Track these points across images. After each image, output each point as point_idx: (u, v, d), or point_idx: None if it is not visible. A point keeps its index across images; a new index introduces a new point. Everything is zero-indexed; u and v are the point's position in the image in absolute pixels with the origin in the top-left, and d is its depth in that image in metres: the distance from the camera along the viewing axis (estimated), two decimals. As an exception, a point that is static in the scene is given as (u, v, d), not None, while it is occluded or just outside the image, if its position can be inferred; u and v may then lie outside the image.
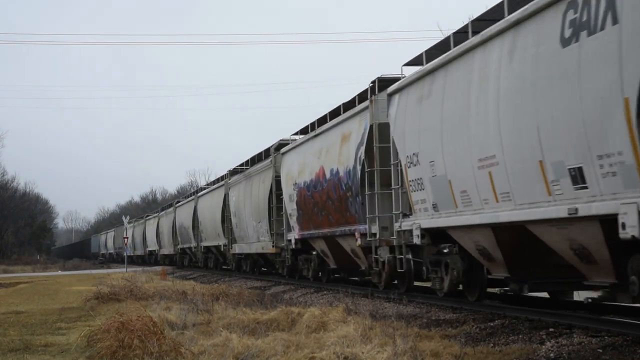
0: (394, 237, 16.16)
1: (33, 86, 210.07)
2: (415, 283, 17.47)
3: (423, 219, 14.41)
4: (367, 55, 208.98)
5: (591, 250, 9.87)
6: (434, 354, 9.02)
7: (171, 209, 52.87)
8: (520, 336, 10.39)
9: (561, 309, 12.74)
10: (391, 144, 16.02)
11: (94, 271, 49.69)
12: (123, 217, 58.67)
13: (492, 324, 11.61)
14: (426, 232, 14.42)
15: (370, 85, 17.94)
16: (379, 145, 17.00)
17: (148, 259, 64.41)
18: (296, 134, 25.07)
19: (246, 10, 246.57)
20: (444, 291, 14.66)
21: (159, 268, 44.71)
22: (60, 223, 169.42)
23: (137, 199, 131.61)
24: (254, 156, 31.06)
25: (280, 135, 27.97)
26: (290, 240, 24.51)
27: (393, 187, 16.08)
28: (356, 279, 22.90)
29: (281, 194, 25.41)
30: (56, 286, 30.37)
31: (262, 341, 9.72)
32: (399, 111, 15.35)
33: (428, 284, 16.50)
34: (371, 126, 17.25)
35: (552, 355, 8.97)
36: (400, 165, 15.53)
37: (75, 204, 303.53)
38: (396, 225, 15.87)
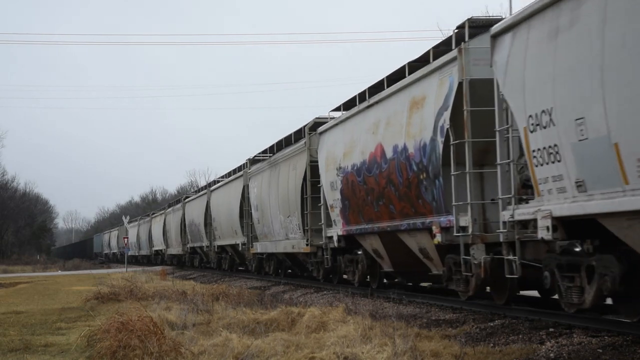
0: (504, 230, 11.66)
1: (33, 86, 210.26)
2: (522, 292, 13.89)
3: (557, 204, 10.03)
4: (366, 56, 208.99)
5: None
6: (434, 354, 9.02)
7: (179, 205, 48.21)
8: (520, 336, 10.39)
9: (561, 309, 12.72)
10: (496, 104, 11.85)
11: (94, 271, 49.67)
12: (123, 217, 58.71)
13: (492, 324, 11.62)
14: (559, 223, 10.09)
15: (456, 30, 13.85)
16: (471, 109, 12.94)
17: (154, 259, 61.21)
18: (337, 109, 20.84)
19: (246, 10, 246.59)
20: (585, 306, 10.36)
21: (159, 268, 44.70)
22: (60, 223, 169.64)
23: (137, 199, 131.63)
24: (281, 140, 26.37)
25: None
26: (331, 237, 20.29)
27: (499, 162, 11.85)
28: (425, 284, 19.71)
29: (318, 182, 21.31)
30: (56, 286, 30.37)
31: (262, 341, 9.72)
32: (513, 55, 11.04)
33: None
34: (460, 84, 13.09)
35: (552, 355, 8.97)
36: (513, 132, 11.43)
37: (75, 204, 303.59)
38: (505, 215, 11.55)
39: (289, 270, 28.58)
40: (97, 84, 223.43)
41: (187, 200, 46.32)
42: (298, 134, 24.25)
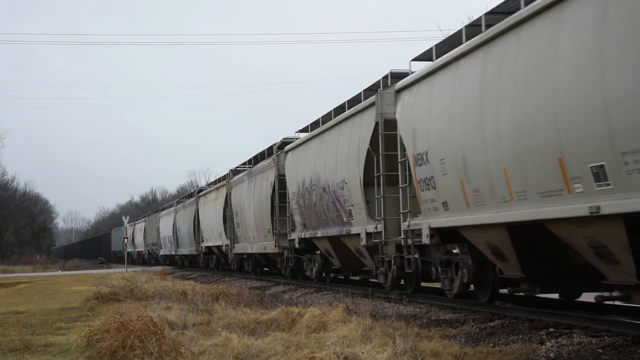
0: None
1: (33, 86, 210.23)
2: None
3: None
4: (366, 56, 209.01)
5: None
6: (434, 354, 9.02)
7: (192, 199, 45.08)
8: (520, 336, 10.39)
9: (561, 309, 12.74)
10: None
11: (94, 271, 49.68)
12: (123, 217, 58.51)
13: (492, 324, 11.62)
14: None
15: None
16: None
17: (163, 260, 56.61)
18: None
19: (245, 10, 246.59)
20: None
21: (159, 268, 44.70)
22: (60, 223, 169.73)
23: (137, 199, 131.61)
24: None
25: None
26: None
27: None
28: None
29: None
30: (56, 286, 30.38)
31: (262, 341, 9.72)
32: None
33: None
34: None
35: (552, 355, 8.97)
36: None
37: (75, 204, 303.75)
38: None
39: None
40: (97, 83, 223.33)
41: (201, 194, 42.66)
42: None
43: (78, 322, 14.96)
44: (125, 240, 55.27)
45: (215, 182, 40.40)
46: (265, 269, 32.27)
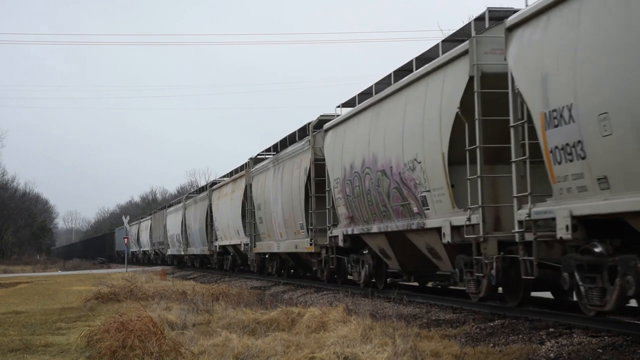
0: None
1: (33, 86, 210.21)
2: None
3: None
4: (363, 56, 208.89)
5: None
6: (434, 354, 9.01)
7: (204, 193, 40.16)
8: (520, 336, 10.39)
9: (561, 309, 12.73)
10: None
11: (94, 271, 49.67)
12: (123, 217, 58.38)
13: (492, 324, 11.61)
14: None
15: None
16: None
17: (171, 261, 52.93)
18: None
19: (245, 11, 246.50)
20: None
21: (159, 268, 44.67)
22: (60, 223, 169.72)
23: (137, 199, 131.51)
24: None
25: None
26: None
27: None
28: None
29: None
30: (56, 286, 30.36)
31: (262, 341, 9.72)
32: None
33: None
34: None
35: (552, 355, 8.97)
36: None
37: (75, 204, 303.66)
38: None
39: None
40: (96, 83, 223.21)
41: (214, 187, 38.17)
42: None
43: (78, 322, 14.95)
44: (125, 240, 55.04)
45: (230, 174, 35.22)
46: (292, 270, 27.98)
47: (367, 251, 18.84)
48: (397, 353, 8.48)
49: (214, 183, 38.88)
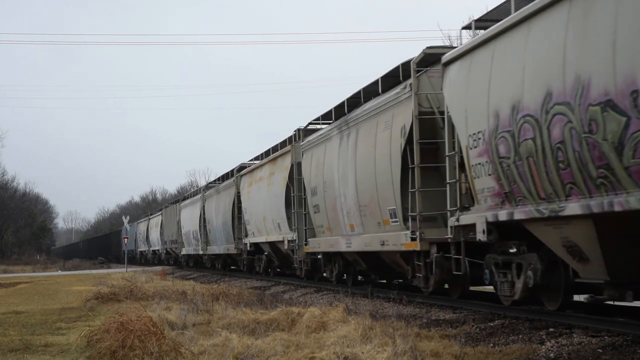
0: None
1: (33, 86, 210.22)
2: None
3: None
4: (358, 56, 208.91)
5: None
6: (434, 354, 9.01)
7: (230, 180, 33.31)
8: (520, 336, 10.39)
9: (561, 310, 12.72)
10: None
11: (93, 271, 49.66)
12: (123, 217, 58.33)
13: (492, 324, 11.61)
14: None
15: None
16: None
17: (185, 262, 47.15)
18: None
19: (245, 11, 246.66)
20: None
21: (159, 268, 44.64)
22: (60, 223, 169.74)
23: (137, 199, 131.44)
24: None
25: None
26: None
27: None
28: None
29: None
30: (56, 286, 30.36)
31: (262, 341, 9.72)
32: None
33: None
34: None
35: (552, 355, 8.97)
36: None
37: (75, 204, 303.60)
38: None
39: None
40: (97, 83, 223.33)
41: (243, 173, 31.25)
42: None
43: (78, 322, 14.95)
44: (126, 240, 55.02)
45: (261, 157, 29.05)
46: (360, 277, 21.01)
47: (524, 248, 11.98)
48: (397, 353, 8.48)
49: (242, 167, 31.82)
